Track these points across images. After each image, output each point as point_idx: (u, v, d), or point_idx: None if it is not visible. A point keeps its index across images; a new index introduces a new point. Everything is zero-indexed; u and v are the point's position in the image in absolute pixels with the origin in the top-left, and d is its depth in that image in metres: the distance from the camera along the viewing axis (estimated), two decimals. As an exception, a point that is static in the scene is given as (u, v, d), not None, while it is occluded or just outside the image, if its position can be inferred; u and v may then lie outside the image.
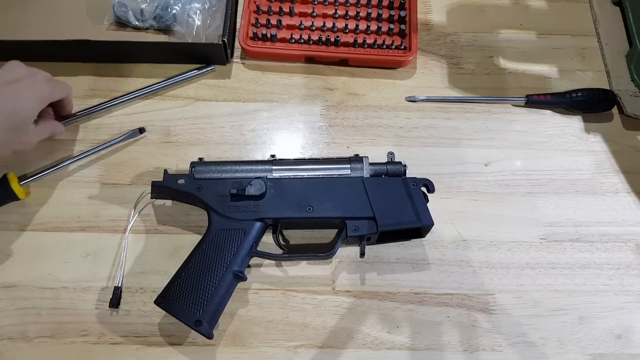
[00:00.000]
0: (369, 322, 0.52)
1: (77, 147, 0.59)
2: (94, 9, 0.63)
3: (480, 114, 0.63)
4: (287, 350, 0.51)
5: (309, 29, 0.65)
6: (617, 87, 0.64)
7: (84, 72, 0.63)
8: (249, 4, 0.65)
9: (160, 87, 0.62)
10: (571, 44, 0.68)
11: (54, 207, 0.56)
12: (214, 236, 0.51)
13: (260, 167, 0.54)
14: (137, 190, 0.56)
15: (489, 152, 0.61)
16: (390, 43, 0.64)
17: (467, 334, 0.52)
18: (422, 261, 0.55)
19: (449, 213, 0.57)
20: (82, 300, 0.52)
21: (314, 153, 0.60)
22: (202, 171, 0.53)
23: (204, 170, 0.53)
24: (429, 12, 0.69)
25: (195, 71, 0.62)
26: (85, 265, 0.53)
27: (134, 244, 0.54)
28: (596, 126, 0.63)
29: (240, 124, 0.61)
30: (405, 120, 0.62)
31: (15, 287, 0.52)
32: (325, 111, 0.63)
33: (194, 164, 0.54)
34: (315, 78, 0.64)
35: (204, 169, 0.53)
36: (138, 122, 0.60)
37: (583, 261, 0.55)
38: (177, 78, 0.62)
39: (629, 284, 0.55)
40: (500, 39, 0.68)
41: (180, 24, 0.62)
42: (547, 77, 0.66)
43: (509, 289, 0.54)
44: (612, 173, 0.60)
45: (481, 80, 0.65)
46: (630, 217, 0.58)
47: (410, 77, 0.65)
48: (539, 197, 0.59)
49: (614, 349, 0.52)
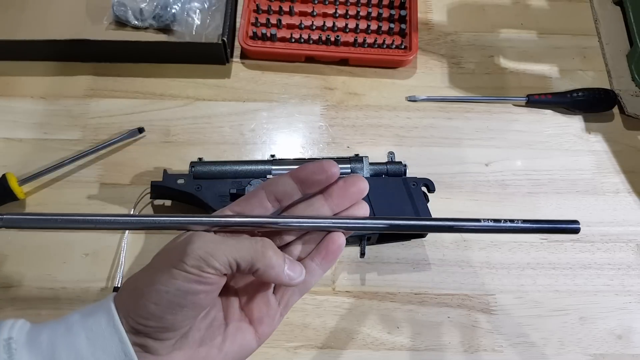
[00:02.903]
0: (369, 322, 0.52)
1: (76, 147, 0.59)
2: (93, 9, 0.63)
3: (481, 114, 0.63)
4: (287, 350, 0.50)
5: (309, 29, 0.65)
6: (617, 87, 0.64)
7: (83, 72, 0.63)
8: (249, 4, 0.65)
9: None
10: (572, 43, 0.68)
11: (53, 207, 0.56)
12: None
13: (260, 167, 0.54)
14: (137, 190, 0.56)
15: (490, 151, 0.61)
16: (391, 42, 0.64)
17: (468, 335, 0.52)
18: (422, 261, 0.55)
19: (450, 213, 0.57)
20: (82, 300, 0.52)
21: (313, 153, 0.60)
22: (201, 171, 0.53)
23: (204, 170, 0.53)
24: (429, 11, 0.69)
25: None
26: (84, 265, 0.53)
27: (133, 244, 0.54)
28: (597, 126, 0.63)
29: (240, 124, 0.61)
30: (405, 120, 0.62)
31: (15, 288, 0.52)
32: (325, 111, 0.62)
33: (193, 164, 0.54)
34: (315, 78, 0.64)
35: (203, 169, 0.53)
36: (137, 122, 0.60)
37: (584, 261, 0.55)
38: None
39: (630, 284, 0.54)
40: (501, 39, 0.68)
41: (179, 24, 0.62)
42: (548, 77, 0.66)
43: (509, 289, 0.54)
44: (613, 173, 0.60)
45: (482, 79, 0.65)
46: (631, 217, 0.58)
47: (410, 76, 0.65)
48: (539, 197, 0.58)
49: (614, 350, 0.51)
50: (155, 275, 0.29)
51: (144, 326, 0.29)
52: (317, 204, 0.34)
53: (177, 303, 0.28)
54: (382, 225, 0.34)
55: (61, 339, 0.28)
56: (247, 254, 0.30)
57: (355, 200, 0.34)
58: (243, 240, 0.31)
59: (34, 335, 0.29)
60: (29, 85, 0.62)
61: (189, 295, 0.28)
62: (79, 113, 0.61)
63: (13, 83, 0.62)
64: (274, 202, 0.33)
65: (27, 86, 0.62)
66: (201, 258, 0.28)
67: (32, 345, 0.28)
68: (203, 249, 0.29)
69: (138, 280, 0.30)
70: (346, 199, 0.34)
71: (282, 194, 0.33)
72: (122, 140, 0.58)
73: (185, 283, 0.28)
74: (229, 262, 0.29)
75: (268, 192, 0.33)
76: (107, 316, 0.29)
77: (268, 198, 0.33)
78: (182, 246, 0.29)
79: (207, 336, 0.32)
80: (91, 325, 0.29)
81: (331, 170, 0.32)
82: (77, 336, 0.28)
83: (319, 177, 0.33)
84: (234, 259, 0.29)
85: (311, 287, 0.35)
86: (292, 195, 0.33)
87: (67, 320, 0.29)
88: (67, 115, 0.60)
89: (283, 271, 0.31)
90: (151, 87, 0.62)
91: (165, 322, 0.29)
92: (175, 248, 0.30)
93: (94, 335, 0.28)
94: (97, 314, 0.29)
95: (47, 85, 0.62)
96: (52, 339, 0.28)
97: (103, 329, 0.29)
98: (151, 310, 0.28)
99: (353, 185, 0.34)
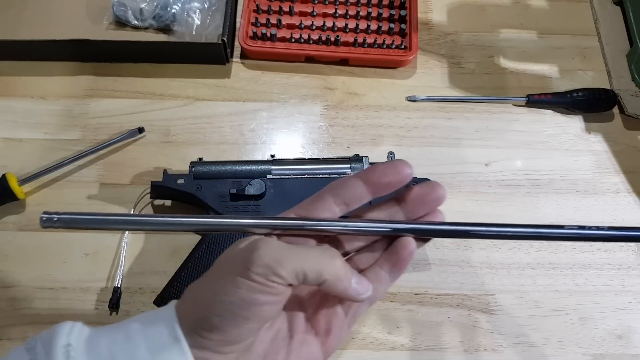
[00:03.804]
0: (369, 322, 0.52)
1: (76, 147, 0.59)
2: (93, 9, 0.63)
3: (481, 114, 0.63)
4: (287, 350, 0.50)
5: (309, 29, 0.65)
6: (617, 87, 0.64)
7: (83, 72, 0.63)
8: (249, 4, 0.65)
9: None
10: (572, 43, 0.68)
11: (53, 207, 0.55)
12: (214, 236, 0.50)
13: (260, 167, 0.54)
14: (137, 190, 0.56)
15: (490, 151, 0.61)
16: (391, 42, 0.64)
17: (468, 335, 0.52)
18: (422, 261, 0.55)
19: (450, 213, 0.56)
20: (81, 300, 0.52)
21: (314, 153, 0.60)
22: (201, 171, 0.53)
23: (204, 170, 0.53)
24: (429, 11, 0.69)
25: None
26: (84, 265, 0.53)
27: (133, 244, 0.54)
28: (597, 126, 0.63)
29: (240, 124, 0.61)
30: (405, 120, 0.62)
31: (14, 288, 0.52)
32: (325, 111, 0.62)
33: (193, 164, 0.54)
34: (315, 78, 0.64)
35: (203, 169, 0.53)
36: (137, 122, 0.60)
37: (584, 261, 0.55)
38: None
39: (630, 284, 0.54)
40: (501, 39, 0.68)
41: (179, 23, 0.62)
42: (548, 77, 0.66)
43: (509, 289, 0.54)
44: (613, 173, 0.60)
45: (482, 79, 0.65)
46: (631, 217, 0.58)
47: (410, 76, 0.65)
48: (539, 197, 0.58)
49: (614, 350, 0.51)
50: (218, 283, 0.27)
51: (207, 339, 0.27)
52: (391, 210, 0.32)
53: (240, 315, 0.27)
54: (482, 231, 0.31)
55: (121, 348, 0.27)
56: (316, 263, 0.28)
57: (432, 209, 0.32)
58: (310, 248, 0.29)
59: (93, 343, 0.27)
60: (29, 85, 0.62)
61: (253, 307, 0.27)
62: (79, 113, 0.61)
63: (13, 83, 0.62)
64: (342, 205, 0.31)
65: (27, 86, 0.62)
66: (267, 266, 0.26)
67: (91, 353, 0.27)
68: (270, 256, 0.27)
69: (200, 288, 0.29)
70: (422, 206, 0.31)
71: (350, 198, 0.31)
72: (122, 140, 0.58)
73: (249, 293, 0.26)
74: (296, 272, 0.27)
75: (335, 195, 0.31)
76: (169, 327, 0.27)
77: (335, 201, 0.31)
78: (246, 252, 0.27)
79: (271, 350, 0.30)
80: (152, 336, 0.27)
81: (405, 172, 0.30)
82: (138, 346, 0.27)
83: (392, 178, 0.30)
84: (302, 269, 0.27)
85: (380, 296, 0.32)
86: (362, 199, 0.31)
87: (126, 328, 0.28)
88: (67, 115, 0.60)
89: (351, 285, 0.29)
90: (151, 87, 0.62)
91: (228, 335, 0.27)
92: (239, 254, 0.28)
93: (155, 347, 0.27)
94: (159, 324, 0.28)
95: (47, 85, 0.62)
96: (111, 348, 0.27)
97: (165, 340, 0.27)
98: (214, 322, 0.27)
99: (430, 193, 0.31)
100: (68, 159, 0.57)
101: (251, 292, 0.26)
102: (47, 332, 0.28)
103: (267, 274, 0.26)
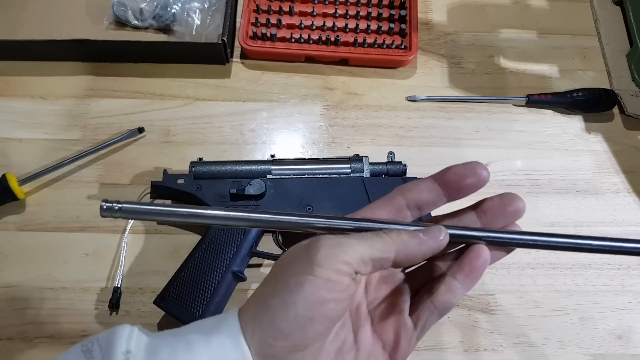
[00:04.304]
0: (369, 322, 0.52)
1: (76, 147, 0.59)
2: (93, 9, 0.63)
3: (481, 114, 0.63)
4: (287, 350, 0.50)
5: (309, 29, 0.65)
6: (617, 87, 0.64)
7: (83, 72, 0.63)
8: (249, 3, 0.65)
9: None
10: (572, 43, 0.68)
11: (53, 207, 0.56)
12: (214, 236, 0.50)
13: (260, 167, 0.54)
14: (137, 190, 0.56)
15: (490, 151, 0.61)
16: (391, 42, 0.64)
17: (468, 335, 0.52)
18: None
19: (450, 213, 0.57)
20: (82, 300, 0.52)
21: (313, 153, 0.60)
22: (201, 171, 0.53)
23: (204, 170, 0.53)
24: (429, 11, 0.69)
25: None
26: (84, 265, 0.53)
27: (133, 244, 0.54)
28: (597, 126, 0.63)
29: (240, 124, 0.61)
30: (405, 120, 0.62)
31: (14, 287, 0.52)
32: (325, 111, 0.62)
33: (193, 164, 0.54)
34: (315, 78, 0.64)
35: (203, 169, 0.53)
36: (137, 122, 0.60)
37: (584, 261, 0.55)
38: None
39: (630, 284, 0.54)
40: (501, 39, 0.68)
41: (179, 23, 0.62)
42: (548, 77, 0.66)
43: (509, 289, 0.54)
44: (613, 173, 0.60)
45: (482, 79, 0.65)
46: (631, 217, 0.58)
47: (410, 76, 0.65)
48: (539, 197, 0.58)
49: (614, 350, 0.51)
50: (279, 285, 0.27)
51: (272, 346, 0.26)
52: (468, 219, 0.30)
53: (305, 316, 0.26)
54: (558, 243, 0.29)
55: (182, 358, 0.26)
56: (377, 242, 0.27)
57: (511, 222, 0.30)
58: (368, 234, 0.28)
59: (153, 351, 0.26)
60: (29, 85, 0.62)
61: (317, 306, 0.26)
62: (79, 113, 0.61)
63: (13, 83, 0.62)
64: (414, 209, 0.29)
65: (27, 86, 0.62)
66: (331, 254, 0.26)
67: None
68: (333, 246, 0.26)
69: (262, 293, 0.28)
70: (501, 218, 0.30)
71: (425, 201, 0.29)
72: (122, 140, 0.58)
73: (313, 291, 0.26)
74: (362, 257, 0.26)
75: (407, 198, 0.29)
76: (232, 338, 0.26)
77: (408, 205, 0.29)
78: (308, 248, 0.27)
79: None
80: (214, 347, 0.26)
81: (483, 174, 0.28)
82: (199, 357, 0.26)
83: (469, 180, 0.28)
84: (368, 253, 0.26)
85: (452, 307, 0.30)
86: (436, 203, 0.29)
87: (187, 337, 0.27)
88: (67, 115, 0.60)
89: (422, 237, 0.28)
90: (151, 87, 0.62)
91: (293, 339, 0.26)
92: (299, 253, 0.28)
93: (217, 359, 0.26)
94: (221, 334, 0.27)
95: (47, 85, 0.62)
96: (172, 358, 0.26)
97: (228, 352, 0.26)
98: (279, 326, 0.26)
99: (511, 204, 0.30)
100: (68, 159, 0.57)
101: (315, 290, 0.26)
102: (105, 335, 0.27)
103: (332, 263, 0.26)
